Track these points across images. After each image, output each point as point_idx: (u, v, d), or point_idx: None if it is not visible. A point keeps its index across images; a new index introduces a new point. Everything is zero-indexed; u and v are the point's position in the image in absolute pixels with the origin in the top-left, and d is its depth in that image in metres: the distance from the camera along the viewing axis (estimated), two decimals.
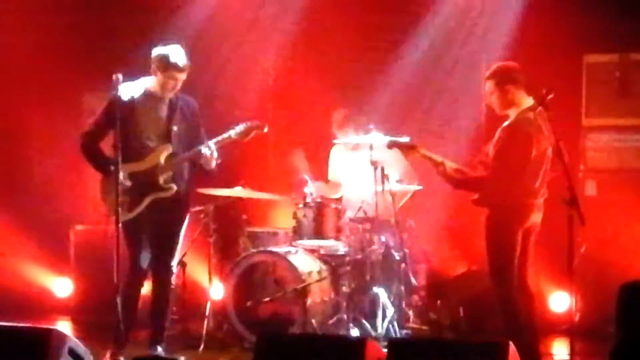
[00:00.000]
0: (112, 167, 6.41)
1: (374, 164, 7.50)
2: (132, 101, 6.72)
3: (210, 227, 7.76)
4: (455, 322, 7.77)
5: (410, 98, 8.70)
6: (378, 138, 7.39)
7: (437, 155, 6.67)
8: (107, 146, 6.71)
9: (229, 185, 7.76)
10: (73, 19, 9.21)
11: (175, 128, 6.78)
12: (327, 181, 8.40)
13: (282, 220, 8.32)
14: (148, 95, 6.78)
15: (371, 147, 7.52)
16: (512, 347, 5.05)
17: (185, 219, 6.97)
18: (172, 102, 6.81)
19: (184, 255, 7.63)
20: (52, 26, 9.11)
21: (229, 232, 8.20)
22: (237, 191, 7.78)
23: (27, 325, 6.06)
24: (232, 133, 6.86)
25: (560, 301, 8.13)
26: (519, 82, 6.50)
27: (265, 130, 6.93)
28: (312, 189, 7.82)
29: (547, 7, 8.27)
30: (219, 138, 6.84)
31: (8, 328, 5.68)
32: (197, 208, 7.80)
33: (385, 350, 5.23)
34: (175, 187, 6.79)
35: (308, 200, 7.74)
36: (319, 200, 7.81)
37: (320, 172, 8.43)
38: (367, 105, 8.48)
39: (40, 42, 9.12)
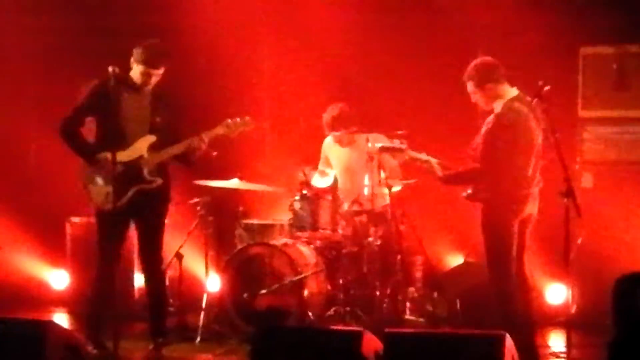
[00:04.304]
0: (98, 155, 6.64)
1: (370, 156, 7.52)
2: (116, 91, 6.72)
3: (207, 219, 7.75)
4: (452, 314, 7.76)
5: (405, 93, 8.68)
6: (373, 136, 7.51)
7: (423, 154, 6.69)
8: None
9: (225, 177, 7.76)
10: (70, 17, 9.23)
11: (157, 119, 6.81)
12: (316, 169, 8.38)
13: (279, 212, 8.32)
14: (131, 86, 6.80)
15: (367, 140, 7.54)
16: (508, 339, 5.06)
17: (167, 210, 7.02)
18: (155, 93, 6.85)
19: (180, 248, 7.64)
20: (48, 20, 9.14)
21: (225, 224, 8.20)
22: (234, 183, 7.77)
23: (24, 318, 6.07)
24: (221, 128, 6.88)
25: (557, 293, 8.13)
26: (499, 76, 6.50)
27: (251, 127, 6.95)
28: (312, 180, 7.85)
29: None
30: (209, 132, 6.86)
31: (5, 321, 5.68)
32: (194, 200, 7.81)
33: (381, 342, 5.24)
34: (160, 180, 6.83)
35: (304, 192, 7.75)
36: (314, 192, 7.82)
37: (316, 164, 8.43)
38: (362, 100, 8.47)
39: (36, 35, 9.13)
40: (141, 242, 6.95)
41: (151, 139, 6.78)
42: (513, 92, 6.49)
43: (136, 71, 6.78)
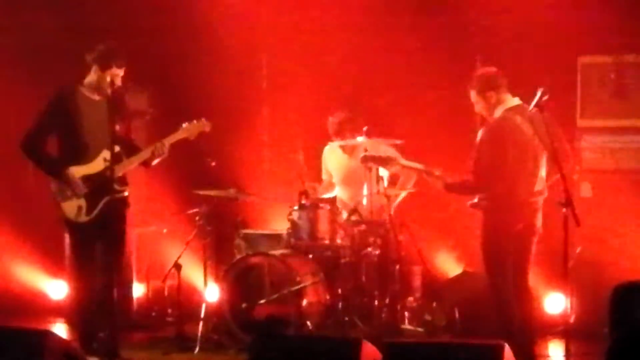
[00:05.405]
0: (65, 170, 6.66)
1: (367, 165, 7.53)
2: (74, 102, 6.73)
3: (205, 229, 7.74)
4: (450, 323, 7.76)
5: (406, 100, 8.70)
6: (368, 143, 7.52)
7: (417, 163, 6.70)
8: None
9: (224, 187, 7.76)
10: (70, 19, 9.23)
11: (117, 127, 6.78)
12: (320, 181, 8.39)
13: (277, 222, 8.31)
14: (89, 95, 6.79)
15: (365, 149, 7.54)
16: (507, 348, 5.05)
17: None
18: (109, 100, 6.74)
19: (179, 258, 7.63)
20: (47, 27, 9.14)
21: (224, 234, 8.18)
22: (232, 193, 7.77)
23: (23, 328, 6.06)
24: (181, 132, 6.92)
25: (555, 302, 8.12)
26: (500, 86, 6.54)
27: (208, 128, 6.99)
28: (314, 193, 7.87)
29: (542, 8, 8.28)
30: (170, 137, 6.88)
31: (3, 331, 5.67)
32: (192, 210, 7.81)
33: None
34: (127, 188, 6.86)
35: (303, 202, 7.74)
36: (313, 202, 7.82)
37: (317, 174, 8.42)
38: (363, 107, 8.47)
39: (34, 43, 9.13)
40: (107, 250, 6.82)
41: (115, 149, 6.68)
42: (514, 101, 6.51)
43: (98, 77, 6.74)
